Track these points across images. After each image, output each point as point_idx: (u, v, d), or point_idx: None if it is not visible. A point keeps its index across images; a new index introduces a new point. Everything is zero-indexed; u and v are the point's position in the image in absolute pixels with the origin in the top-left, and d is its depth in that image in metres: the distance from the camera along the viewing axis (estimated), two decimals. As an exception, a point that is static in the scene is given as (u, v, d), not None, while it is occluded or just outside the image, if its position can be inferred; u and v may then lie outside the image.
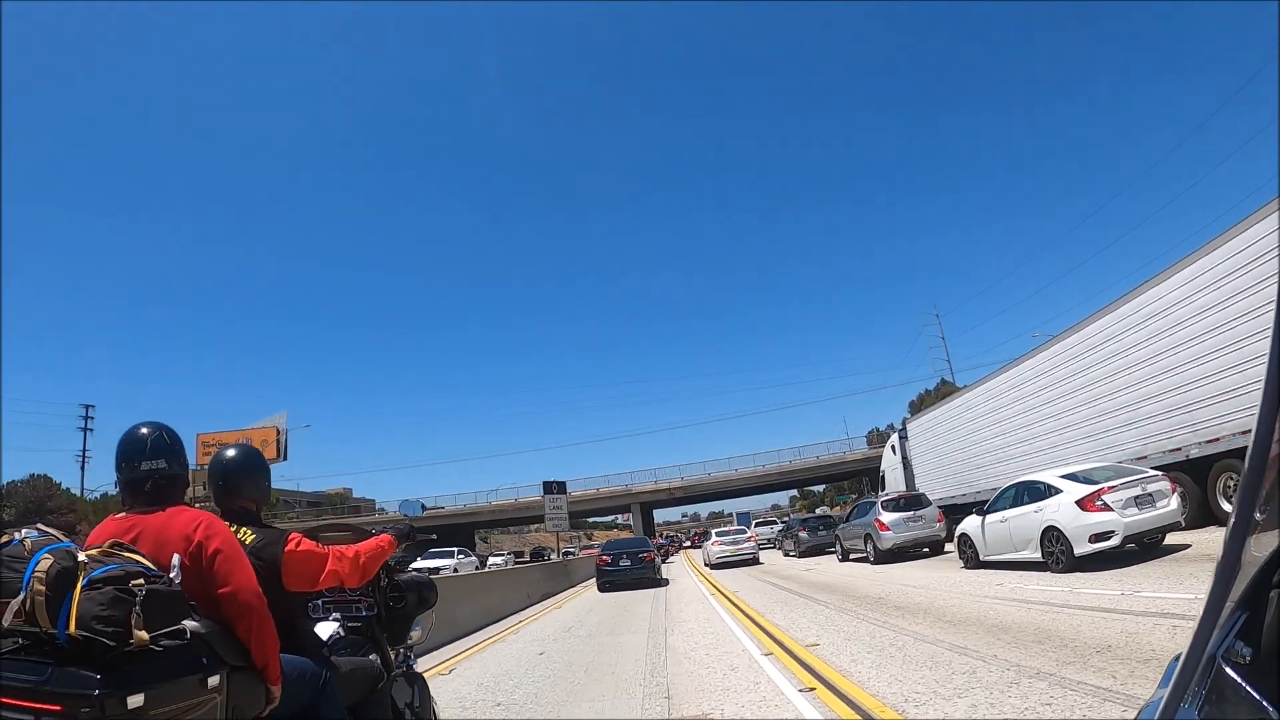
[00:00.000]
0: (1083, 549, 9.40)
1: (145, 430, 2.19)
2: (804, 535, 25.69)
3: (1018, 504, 11.12)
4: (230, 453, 2.68)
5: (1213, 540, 9.67)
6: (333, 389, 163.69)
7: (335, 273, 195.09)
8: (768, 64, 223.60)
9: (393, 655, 3.15)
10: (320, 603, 3.06)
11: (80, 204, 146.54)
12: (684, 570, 26.28)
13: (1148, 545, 9.83)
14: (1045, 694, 4.13)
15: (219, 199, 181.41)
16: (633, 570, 18.57)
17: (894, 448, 26.46)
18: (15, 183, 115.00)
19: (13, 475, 46.73)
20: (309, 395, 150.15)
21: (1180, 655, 0.81)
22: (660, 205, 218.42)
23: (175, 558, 1.96)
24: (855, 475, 62.07)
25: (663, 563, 26.37)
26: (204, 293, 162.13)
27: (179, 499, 2.21)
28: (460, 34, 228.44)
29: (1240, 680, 0.69)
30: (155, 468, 2.15)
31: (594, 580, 19.60)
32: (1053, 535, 10.01)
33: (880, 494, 18.24)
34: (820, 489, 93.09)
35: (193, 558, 2.01)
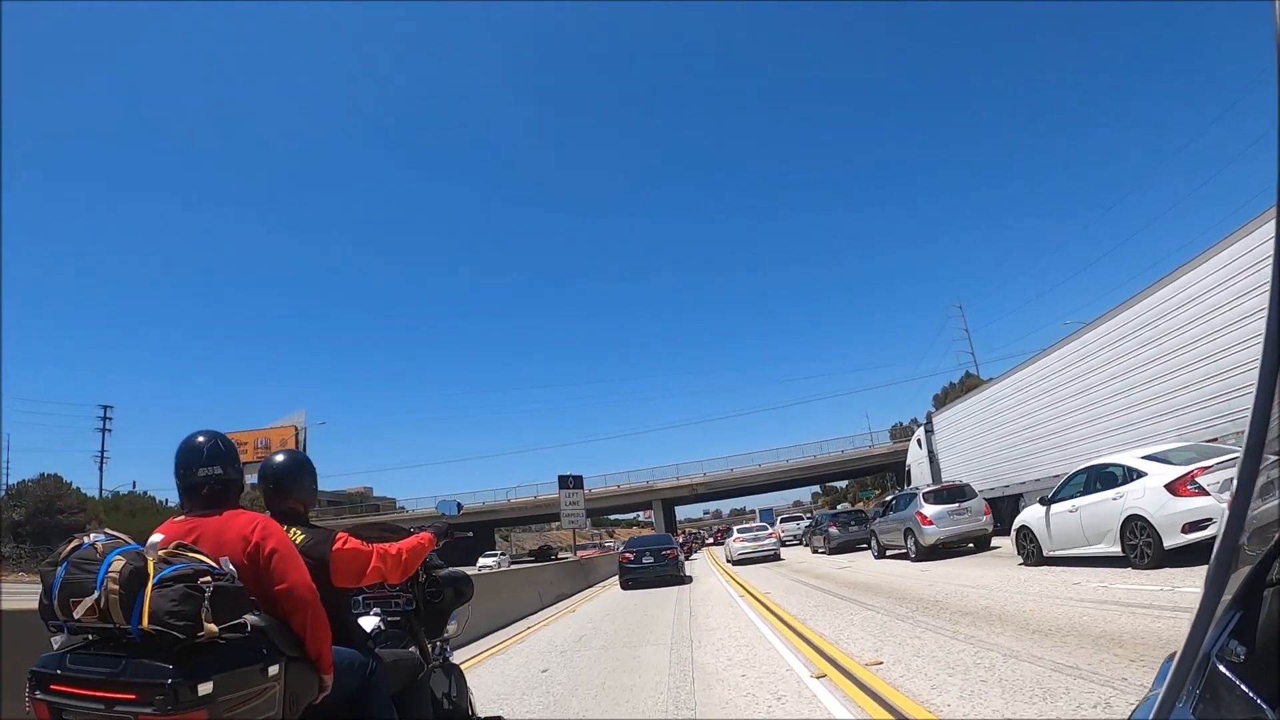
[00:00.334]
0: (1173, 540, 8.11)
1: (201, 439, 2.33)
2: (834, 531, 24.56)
3: (1090, 491, 9.78)
4: (279, 458, 2.84)
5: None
6: (351, 387, 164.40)
7: (355, 271, 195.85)
8: (791, 65, 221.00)
9: (430, 648, 3.27)
10: (361, 598, 3.16)
11: (96, 203, 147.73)
12: (708, 568, 24.91)
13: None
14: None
15: (238, 197, 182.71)
16: (656, 568, 18.16)
17: (920, 441, 26.10)
18: (31, 180, 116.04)
19: (25, 475, 46.67)
20: (328, 394, 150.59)
21: (1175, 654, 0.81)
22: (683, 203, 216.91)
23: (226, 560, 2.06)
24: (880, 470, 60.43)
25: (686, 560, 25.47)
26: (221, 292, 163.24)
27: (234, 502, 2.34)
28: (463, 34, 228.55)
29: (1235, 679, 0.69)
30: (212, 474, 2.29)
31: (611, 581, 19.40)
32: (1136, 525, 8.72)
33: (921, 485, 16.79)
34: (843, 485, 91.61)
35: (250, 557, 2.15)
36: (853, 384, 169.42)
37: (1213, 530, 7.82)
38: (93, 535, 1.92)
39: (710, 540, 63.83)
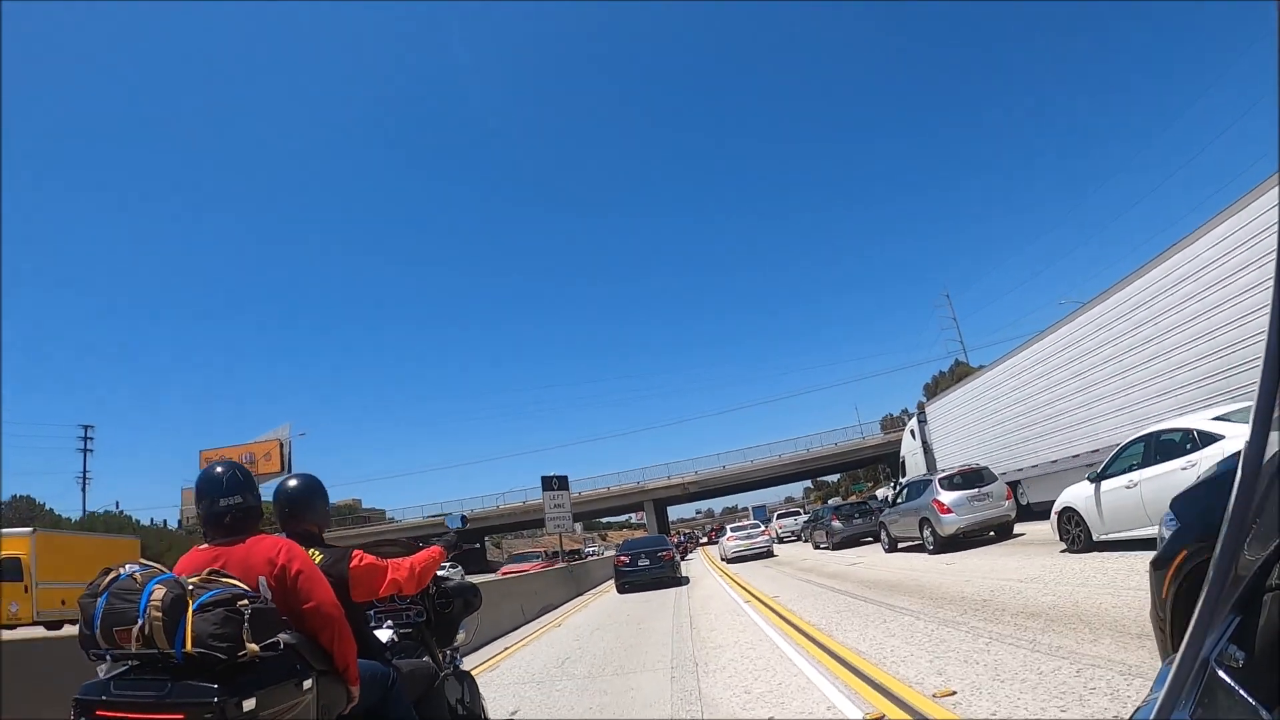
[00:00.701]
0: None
1: (220, 470, 2.47)
2: (838, 525, 23.07)
3: (1151, 463, 8.42)
4: (293, 482, 2.95)
5: None
6: (335, 399, 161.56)
7: (333, 279, 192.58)
8: (775, 58, 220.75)
9: (441, 656, 3.37)
10: (373, 612, 3.22)
11: (69, 217, 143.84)
12: (705, 569, 23.94)
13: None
14: None
15: (214, 203, 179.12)
16: (652, 570, 17.69)
17: (913, 432, 25.78)
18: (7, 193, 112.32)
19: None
20: (310, 404, 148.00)
21: (1174, 658, 0.81)
22: (672, 202, 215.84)
23: (261, 580, 2.27)
24: (874, 461, 59.59)
25: (682, 560, 24.89)
26: (198, 306, 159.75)
27: (255, 528, 2.46)
28: (459, 32, 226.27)
29: (1233, 683, 0.70)
30: (233, 503, 2.40)
31: (602, 588, 18.85)
32: (1215, 499, 7.32)
33: (933, 472, 15.46)
34: (835, 479, 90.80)
35: (278, 579, 2.30)
36: (842, 375, 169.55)
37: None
38: (129, 566, 2.04)
39: (704, 540, 62.77)
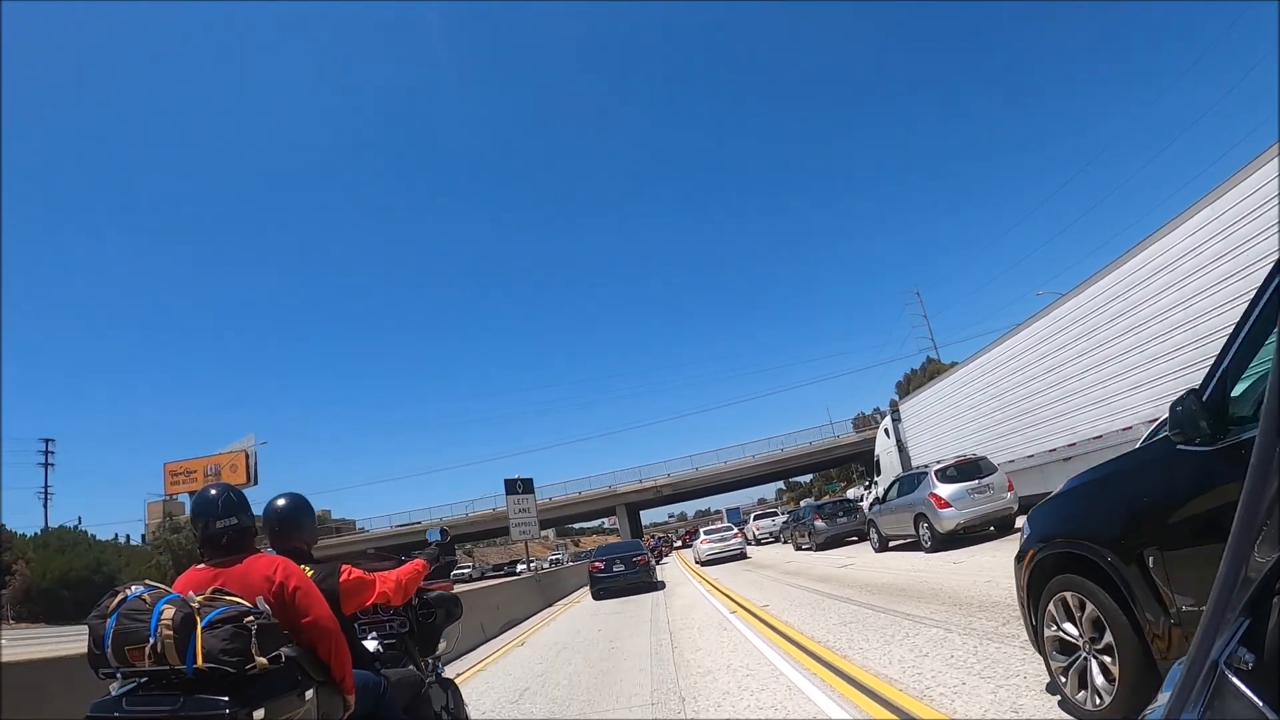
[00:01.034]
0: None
1: (214, 492, 2.56)
2: (821, 524, 21.89)
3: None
4: (281, 502, 3.03)
5: None
6: (299, 409, 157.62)
7: (293, 294, 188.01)
8: (741, 57, 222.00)
9: (424, 665, 3.55)
10: (356, 624, 3.22)
11: (25, 222, 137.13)
12: (682, 574, 23.01)
13: None
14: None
15: (174, 216, 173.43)
16: (627, 575, 17.37)
17: (887, 430, 25.63)
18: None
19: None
20: (274, 416, 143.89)
21: (1183, 661, 0.81)
22: (632, 199, 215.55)
23: (259, 597, 2.35)
24: (848, 461, 59.07)
25: (657, 564, 24.22)
26: (159, 316, 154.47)
27: (251, 547, 2.57)
28: (426, 28, 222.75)
29: (1243, 686, 0.70)
30: (229, 524, 2.51)
31: (574, 596, 18.22)
32: None
33: (930, 464, 14.51)
34: (808, 480, 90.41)
35: (276, 596, 2.40)
36: (813, 375, 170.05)
37: None
38: (135, 588, 2.14)
39: (679, 544, 61.73)
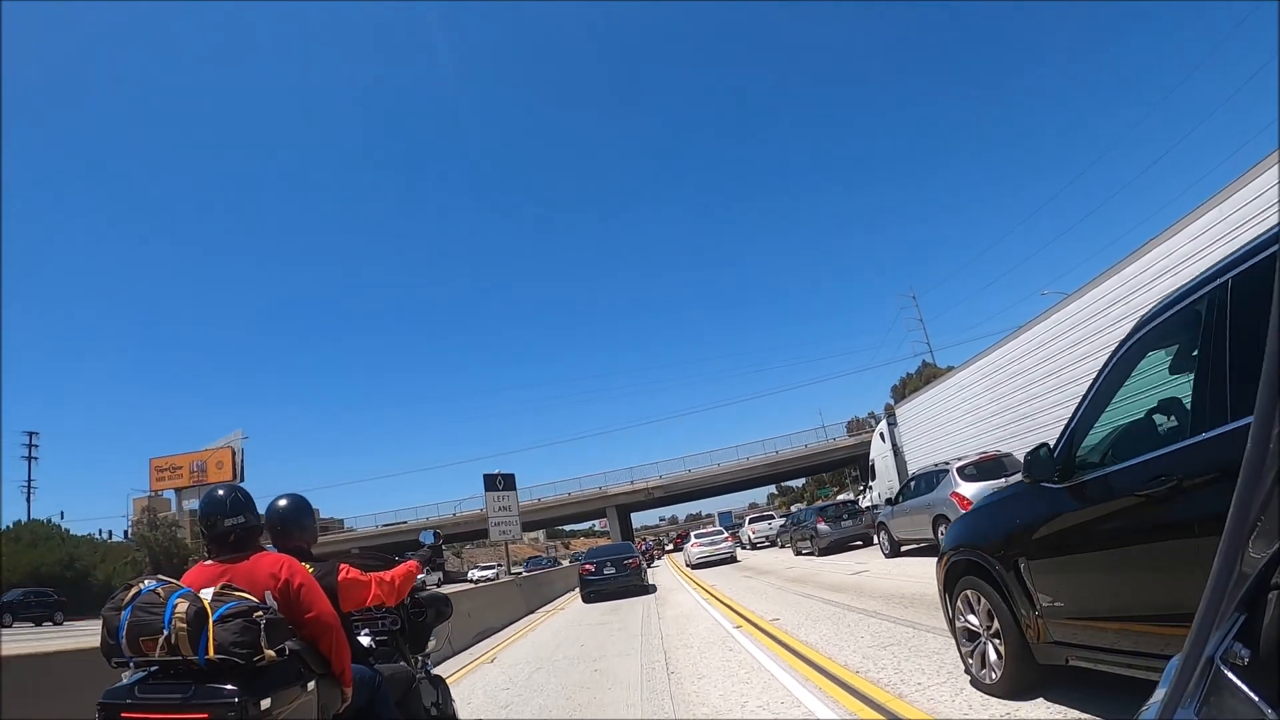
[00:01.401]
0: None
1: (221, 492, 2.70)
2: (824, 528, 20.92)
3: None
4: (282, 502, 3.18)
5: None
6: (287, 406, 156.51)
7: (283, 289, 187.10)
8: (744, 55, 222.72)
9: (414, 662, 3.66)
10: (352, 621, 3.31)
11: (15, 217, 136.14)
12: (675, 578, 22.18)
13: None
14: None
15: (157, 208, 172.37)
16: (618, 578, 17.18)
17: (883, 435, 25.04)
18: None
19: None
20: (263, 413, 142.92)
21: (1179, 656, 0.81)
22: (625, 198, 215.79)
23: (266, 593, 2.48)
24: (843, 465, 59.14)
25: (648, 567, 23.93)
26: (147, 310, 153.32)
27: (257, 545, 2.71)
28: (420, 31, 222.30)
29: (1238, 682, 0.70)
30: (236, 523, 2.63)
31: (559, 602, 17.88)
32: None
33: (952, 462, 13.97)
34: (800, 484, 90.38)
35: (281, 592, 2.53)
36: (806, 377, 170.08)
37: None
38: (149, 582, 2.29)
39: (670, 547, 61.70)
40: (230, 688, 2.09)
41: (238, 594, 2.30)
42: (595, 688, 6.37)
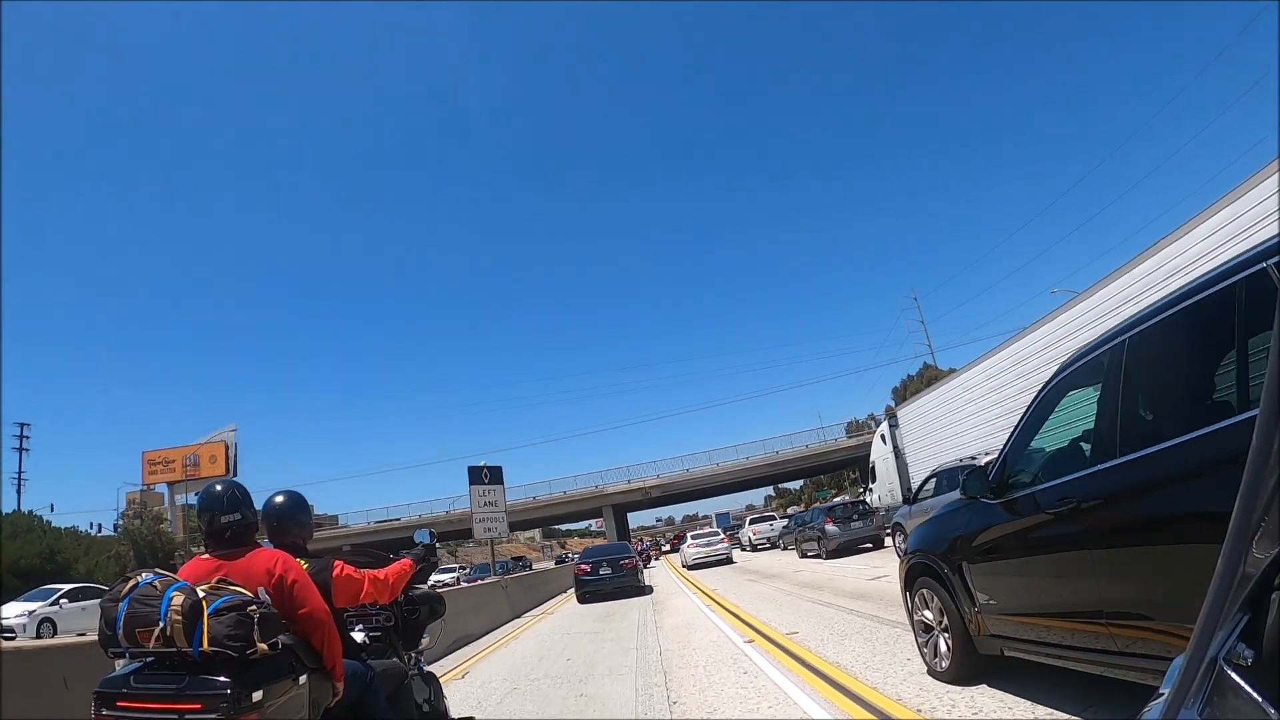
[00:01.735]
0: None
1: (219, 488, 2.74)
2: (833, 529, 19.62)
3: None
4: (279, 499, 3.21)
5: None
6: (282, 400, 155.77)
7: (282, 285, 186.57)
8: (750, 51, 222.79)
9: (407, 659, 3.69)
10: (345, 616, 3.36)
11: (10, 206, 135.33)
12: (673, 581, 21.29)
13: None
14: None
15: (152, 202, 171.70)
16: (614, 578, 17.03)
17: (884, 436, 24.83)
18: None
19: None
20: (257, 407, 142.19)
21: (1182, 657, 0.80)
22: (626, 195, 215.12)
23: (260, 588, 2.53)
24: (844, 466, 58.70)
25: (645, 568, 23.84)
26: (141, 304, 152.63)
27: (253, 540, 2.74)
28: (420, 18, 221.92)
29: (1242, 682, 0.69)
30: (233, 519, 2.67)
31: (547, 607, 17.40)
32: None
33: (980, 455, 13.65)
34: (798, 486, 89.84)
35: (275, 587, 2.57)
36: (805, 376, 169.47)
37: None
38: (145, 575, 2.32)
39: (667, 548, 61.23)
40: (223, 679, 2.14)
41: (232, 588, 2.35)
42: (580, 710, 5.51)
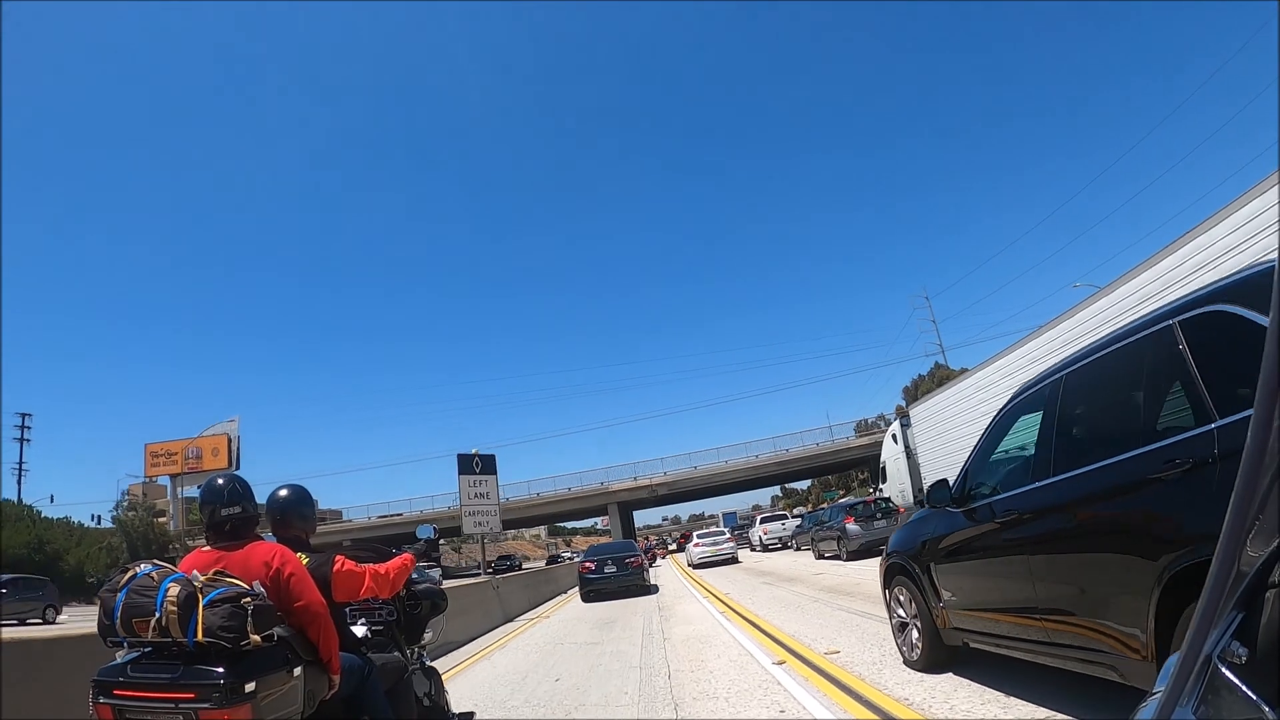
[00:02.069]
0: None
1: (221, 481, 2.80)
2: (854, 528, 18.18)
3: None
4: (283, 492, 3.25)
5: None
6: (286, 392, 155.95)
7: (280, 282, 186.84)
8: (755, 50, 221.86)
9: (409, 653, 3.71)
10: (348, 610, 3.45)
11: (16, 208, 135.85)
12: (681, 583, 20.10)
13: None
14: None
15: (155, 201, 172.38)
16: (619, 577, 16.77)
17: (895, 436, 24.64)
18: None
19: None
20: (257, 398, 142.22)
21: (1177, 655, 0.80)
22: (636, 188, 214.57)
23: (257, 581, 2.55)
24: (855, 465, 57.60)
25: (651, 567, 23.36)
26: (144, 296, 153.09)
27: (253, 533, 2.79)
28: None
29: (1236, 680, 0.69)
30: (233, 512, 2.73)
31: (538, 615, 16.28)
32: None
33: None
34: (805, 485, 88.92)
35: (272, 580, 2.61)
36: (815, 373, 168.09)
37: None
38: (144, 566, 2.38)
39: (674, 547, 60.55)
40: (217, 670, 2.19)
41: (228, 580, 2.38)
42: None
